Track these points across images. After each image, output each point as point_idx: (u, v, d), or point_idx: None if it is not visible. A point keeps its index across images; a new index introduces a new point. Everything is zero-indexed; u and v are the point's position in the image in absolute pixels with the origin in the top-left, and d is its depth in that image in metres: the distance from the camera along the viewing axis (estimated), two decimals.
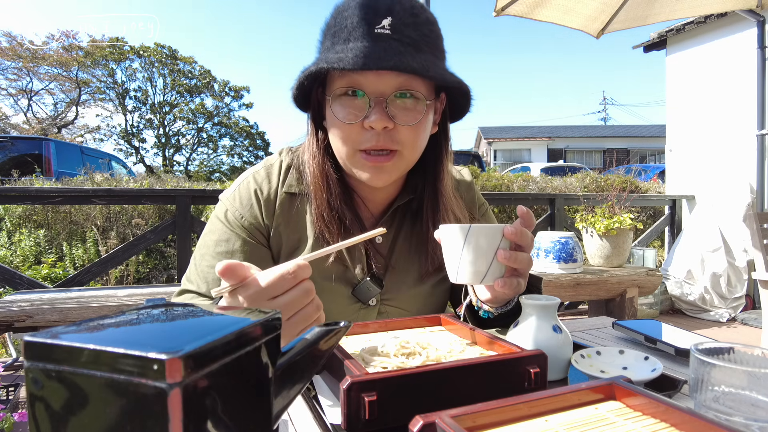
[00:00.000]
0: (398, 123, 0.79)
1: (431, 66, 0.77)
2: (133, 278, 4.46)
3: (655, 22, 3.40)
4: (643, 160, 20.25)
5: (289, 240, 0.90)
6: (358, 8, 0.77)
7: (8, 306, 2.20)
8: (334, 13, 0.81)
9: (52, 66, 18.51)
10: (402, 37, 0.76)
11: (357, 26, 0.76)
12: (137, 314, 0.40)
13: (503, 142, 23.61)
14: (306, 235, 0.90)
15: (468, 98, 0.87)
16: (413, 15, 0.78)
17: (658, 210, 5.77)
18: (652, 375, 0.65)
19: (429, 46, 0.80)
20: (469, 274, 0.71)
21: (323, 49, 0.82)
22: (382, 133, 0.79)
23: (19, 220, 4.64)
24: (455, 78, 0.80)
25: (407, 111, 0.80)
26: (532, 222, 0.73)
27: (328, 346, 0.47)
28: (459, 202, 0.99)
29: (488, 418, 0.44)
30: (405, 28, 0.77)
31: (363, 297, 0.91)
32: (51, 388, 0.32)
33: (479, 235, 0.70)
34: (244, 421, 0.38)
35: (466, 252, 0.71)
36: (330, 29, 0.81)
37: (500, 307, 0.81)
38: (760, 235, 2.54)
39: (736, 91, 4.53)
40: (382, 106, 0.77)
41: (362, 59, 0.72)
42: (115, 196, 3.15)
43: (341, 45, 0.77)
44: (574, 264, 3.20)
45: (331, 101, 0.81)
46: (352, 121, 0.79)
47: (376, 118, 0.77)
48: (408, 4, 0.79)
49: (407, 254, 0.96)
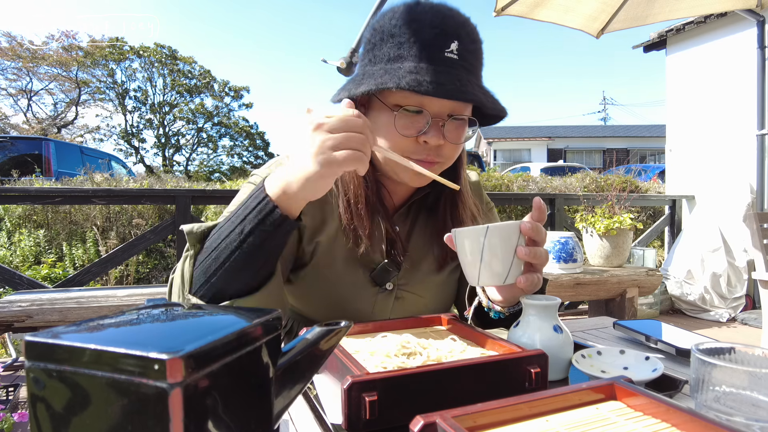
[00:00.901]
0: (448, 141, 0.84)
1: (488, 96, 0.84)
2: (133, 278, 4.46)
3: (655, 21, 3.40)
4: (643, 160, 20.25)
5: (314, 219, 0.92)
6: (426, 26, 0.80)
7: (8, 306, 2.19)
8: (396, 21, 0.83)
9: (52, 66, 18.50)
10: (466, 64, 0.82)
11: (428, 46, 0.80)
12: (137, 314, 0.40)
13: (503, 142, 23.61)
14: (331, 219, 0.92)
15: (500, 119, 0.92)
16: (474, 41, 0.84)
17: (658, 210, 5.77)
18: (652, 375, 0.65)
19: (481, 70, 0.87)
20: (491, 276, 0.71)
21: (383, 55, 0.83)
22: (433, 148, 0.84)
23: (18, 220, 4.64)
24: (501, 105, 0.86)
25: (457, 131, 0.85)
26: (545, 215, 0.75)
27: (329, 346, 0.47)
28: (474, 200, 1.03)
29: (489, 418, 0.44)
30: (468, 55, 0.82)
31: (381, 280, 0.94)
32: (52, 387, 0.32)
33: (498, 235, 0.70)
34: (244, 420, 0.38)
35: (486, 253, 0.70)
36: (393, 37, 0.82)
37: (511, 306, 0.83)
38: (760, 235, 2.54)
39: (736, 91, 4.53)
40: (439, 126, 0.83)
41: (439, 87, 0.76)
42: (114, 196, 3.15)
43: (411, 62, 0.80)
44: (574, 264, 3.20)
45: (394, 112, 0.83)
46: (410, 135, 0.83)
47: (432, 136, 0.82)
48: (470, 28, 0.84)
49: (422, 244, 0.99)
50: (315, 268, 0.92)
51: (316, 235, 0.92)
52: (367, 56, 0.87)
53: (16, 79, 18.40)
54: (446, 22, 0.81)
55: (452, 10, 0.84)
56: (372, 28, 0.87)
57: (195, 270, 0.72)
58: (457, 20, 0.82)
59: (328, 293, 0.93)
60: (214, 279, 0.70)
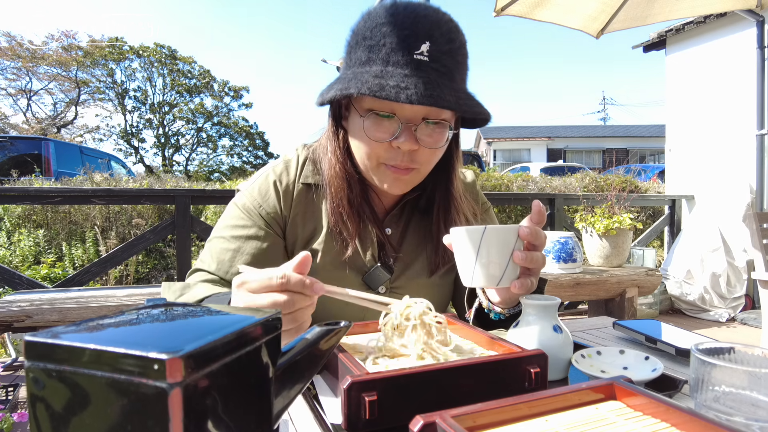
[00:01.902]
0: (423, 146, 0.83)
1: (464, 99, 0.80)
2: (132, 278, 4.46)
3: (655, 21, 3.40)
4: (642, 160, 20.25)
5: (304, 230, 0.93)
6: (397, 27, 0.78)
7: (7, 306, 2.19)
8: (370, 23, 0.81)
9: (52, 66, 18.50)
10: (439, 66, 0.78)
11: (396, 48, 0.77)
12: (137, 314, 0.40)
13: (503, 142, 23.61)
14: (321, 225, 0.93)
15: (486, 122, 0.90)
16: (449, 41, 0.80)
17: (658, 210, 5.77)
18: (652, 375, 0.65)
19: (460, 73, 0.83)
20: (485, 278, 0.71)
21: (356, 59, 0.82)
22: (407, 153, 0.83)
23: (18, 220, 4.64)
24: (482, 109, 0.84)
25: (432, 136, 0.83)
26: (544, 218, 0.74)
27: (329, 346, 0.47)
28: (469, 203, 1.03)
29: (489, 418, 0.44)
30: (442, 56, 0.79)
31: (373, 284, 0.94)
32: (52, 387, 0.32)
33: (495, 237, 0.69)
34: (244, 420, 0.38)
35: (482, 255, 0.70)
36: (365, 39, 0.81)
37: (511, 307, 0.82)
38: (759, 235, 2.54)
39: (736, 91, 4.53)
40: (411, 131, 0.81)
41: (403, 92, 0.74)
42: (114, 196, 3.15)
43: (379, 66, 0.78)
44: (573, 264, 3.20)
45: (363, 117, 0.82)
46: (382, 140, 0.82)
47: (404, 140, 0.81)
48: (446, 27, 0.80)
49: (415, 247, 0.99)
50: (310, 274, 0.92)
51: (310, 244, 0.93)
52: (346, 60, 0.86)
53: (15, 78, 18.42)
54: (418, 22, 0.78)
55: (428, 8, 0.80)
56: (351, 30, 0.86)
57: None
58: (431, 20, 0.79)
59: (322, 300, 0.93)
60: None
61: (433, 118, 0.82)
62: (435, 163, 0.89)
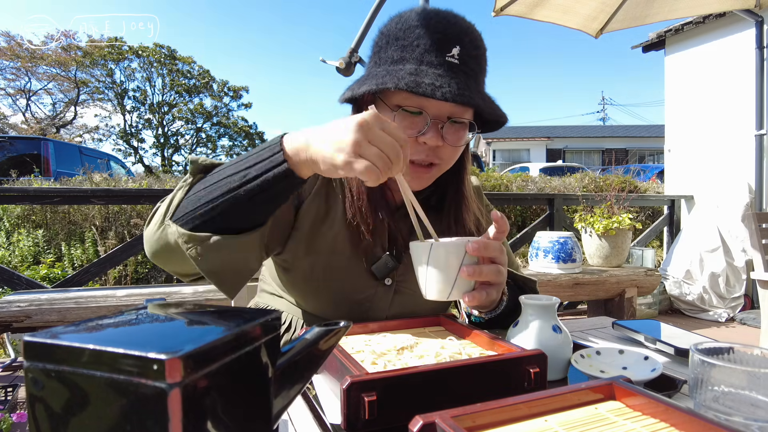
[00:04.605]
0: (447, 143, 0.86)
1: (488, 101, 0.85)
2: (131, 278, 4.45)
3: (654, 21, 3.40)
4: (641, 160, 20.26)
5: (320, 209, 0.94)
6: (430, 30, 0.83)
7: (6, 306, 2.19)
8: (402, 25, 0.85)
9: (51, 66, 18.47)
10: (467, 69, 0.84)
11: (430, 49, 0.82)
12: (136, 314, 0.40)
13: (502, 142, 23.60)
14: (335, 211, 0.94)
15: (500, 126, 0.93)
16: (476, 47, 0.85)
17: (657, 210, 5.78)
18: (651, 375, 0.65)
19: (483, 76, 0.89)
20: (435, 291, 0.73)
21: (387, 57, 0.86)
22: (431, 149, 0.86)
23: (17, 220, 4.63)
24: (501, 112, 0.87)
25: (456, 133, 0.87)
26: (506, 228, 0.76)
27: (328, 346, 0.47)
28: (478, 204, 1.06)
29: (488, 418, 0.44)
30: (470, 60, 0.84)
31: (380, 273, 0.95)
32: (51, 388, 0.32)
33: (441, 252, 0.72)
34: (243, 421, 0.38)
35: (431, 269, 0.72)
36: (398, 40, 0.85)
37: (489, 312, 0.86)
38: (758, 235, 2.54)
39: (735, 91, 4.53)
40: (438, 127, 0.84)
41: (437, 89, 0.77)
42: (113, 196, 3.14)
43: (413, 64, 0.82)
44: (573, 264, 3.20)
45: (394, 112, 0.85)
46: (410, 135, 0.84)
47: (431, 137, 0.84)
48: (473, 35, 0.86)
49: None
50: (316, 258, 0.92)
51: (321, 225, 0.93)
52: (373, 58, 0.89)
53: (14, 78, 18.38)
54: (450, 28, 0.83)
55: (457, 17, 0.86)
56: (379, 32, 0.90)
57: (186, 199, 0.73)
58: (461, 27, 0.84)
59: (327, 285, 0.94)
60: (201, 211, 0.70)
61: (458, 117, 0.85)
62: (455, 160, 0.92)
